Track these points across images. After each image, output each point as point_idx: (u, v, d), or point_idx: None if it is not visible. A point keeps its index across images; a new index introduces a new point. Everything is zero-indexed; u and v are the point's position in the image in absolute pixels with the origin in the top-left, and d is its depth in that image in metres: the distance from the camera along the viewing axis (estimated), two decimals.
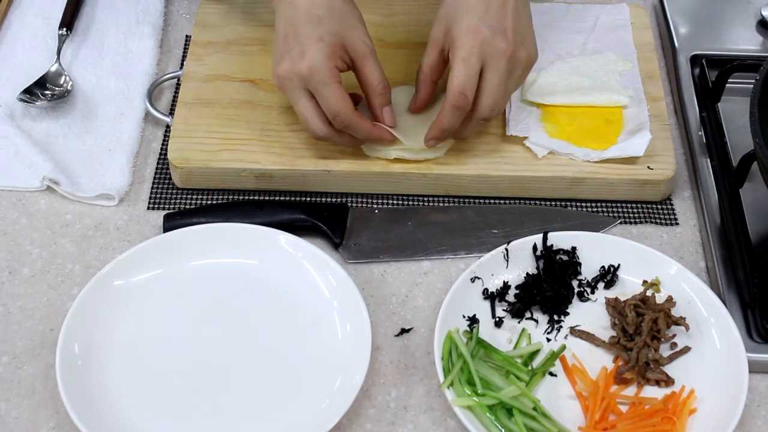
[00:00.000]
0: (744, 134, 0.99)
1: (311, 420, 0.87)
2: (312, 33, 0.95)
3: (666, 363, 0.92)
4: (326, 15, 0.96)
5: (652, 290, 0.97)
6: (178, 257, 0.98)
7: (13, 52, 1.20)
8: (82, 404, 0.86)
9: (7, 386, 0.92)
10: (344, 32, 0.97)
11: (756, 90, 0.98)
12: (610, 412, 0.89)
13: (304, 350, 0.93)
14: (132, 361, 0.91)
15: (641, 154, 1.05)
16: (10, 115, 1.13)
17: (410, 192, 1.08)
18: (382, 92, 1.01)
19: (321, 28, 0.96)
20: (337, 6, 0.97)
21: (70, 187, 1.05)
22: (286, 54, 0.96)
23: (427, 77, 1.02)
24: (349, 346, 0.91)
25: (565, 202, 1.08)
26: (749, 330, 0.95)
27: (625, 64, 1.16)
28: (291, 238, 0.99)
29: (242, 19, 1.22)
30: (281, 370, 0.92)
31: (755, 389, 0.93)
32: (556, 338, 0.95)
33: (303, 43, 0.95)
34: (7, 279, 1.00)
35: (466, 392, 0.88)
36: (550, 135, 1.08)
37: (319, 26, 0.96)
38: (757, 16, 1.26)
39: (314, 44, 0.95)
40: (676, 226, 1.07)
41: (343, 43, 0.97)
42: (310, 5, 0.96)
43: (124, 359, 0.91)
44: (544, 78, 1.14)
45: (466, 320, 0.95)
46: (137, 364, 0.91)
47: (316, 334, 0.94)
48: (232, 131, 1.09)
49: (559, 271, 0.98)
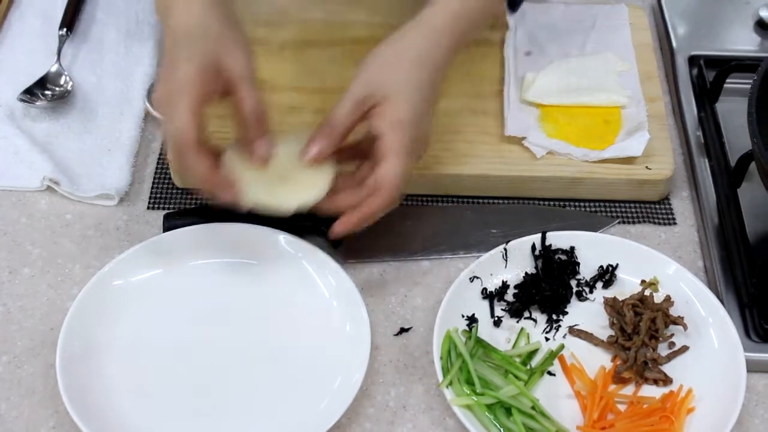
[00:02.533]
0: (742, 134, 0.99)
1: (311, 419, 0.87)
2: (183, 54, 0.90)
3: (664, 362, 0.93)
4: (200, 37, 0.90)
5: (650, 290, 0.97)
6: (178, 257, 0.98)
7: (13, 53, 1.20)
8: (82, 404, 0.86)
9: (7, 386, 0.92)
10: (220, 54, 0.90)
11: (754, 90, 0.98)
12: (608, 411, 0.89)
13: (304, 350, 0.93)
14: (132, 361, 0.91)
15: (639, 154, 1.06)
16: (10, 115, 1.13)
17: (410, 192, 1.08)
18: (256, 121, 0.91)
19: (192, 49, 0.90)
20: (213, 29, 0.91)
21: (70, 187, 1.06)
22: (162, 77, 0.92)
23: (338, 132, 0.92)
24: (349, 345, 0.92)
25: (564, 202, 1.08)
26: (747, 329, 0.95)
27: (624, 64, 1.17)
28: (291, 238, 0.99)
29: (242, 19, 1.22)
30: (280, 369, 0.92)
31: (753, 388, 0.93)
32: (555, 338, 0.95)
33: (174, 64, 0.90)
34: (7, 279, 1.00)
35: (465, 391, 0.88)
36: (549, 135, 1.09)
37: (191, 48, 0.90)
38: (755, 16, 1.27)
39: (182, 64, 0.89)
40: (675, 226, 1.07)
41: (216, 66, 0.89)
42: (186, 28, 0.91)
43: (124, 359, 0.91)
44: (542, 78, 1.14)
45: (465, 320, 0.95)
46: (137, 364, 0.91)
47: (315, 334, 0.94)
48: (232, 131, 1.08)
49: (557, 271, 0.98)
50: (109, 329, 0.93)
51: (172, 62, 0.90)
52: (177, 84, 0.88)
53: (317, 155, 0.92)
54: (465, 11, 0.97)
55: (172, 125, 0.88)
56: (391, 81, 0.92)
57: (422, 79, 0.93)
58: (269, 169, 0.91)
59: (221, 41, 0.91)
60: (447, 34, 0.95)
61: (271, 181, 0.92)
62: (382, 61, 0.94)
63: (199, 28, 0.91)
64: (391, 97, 0.91)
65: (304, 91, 1.13)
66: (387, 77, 0.93)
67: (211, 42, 0.90)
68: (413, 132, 0.91)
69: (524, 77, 1.15)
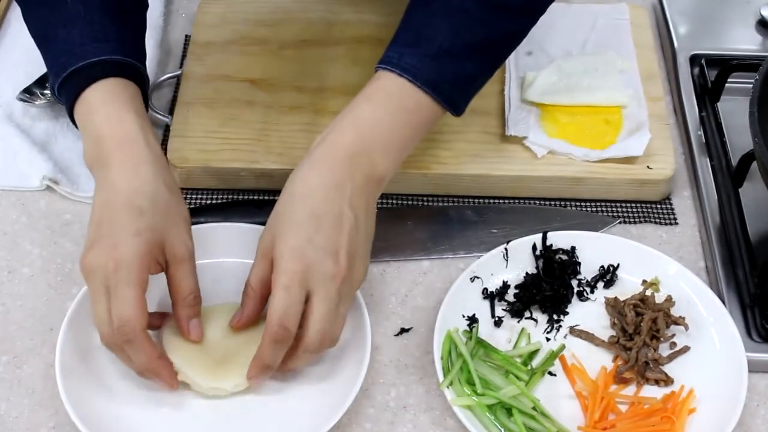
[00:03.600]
0: (743, 134, 0.99)
1: (311, 419, 0.87)
2: (129, 225, 0.83)
3: (665, 362, 0.93)
4: (149, 207, 0.84)
5: (651, 290, 0.97)
6: None
7: (13, 52, 1.20)
8: (81, 404, 0.86)
9: (7, 386, 0.92)
10: (166, 230, 0.85)
11: (755, 89, 0.98)
12: (609, 412, 0.89)
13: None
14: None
15: (640, 154, 1.06)
16: (10, 115, 1.13)
17: (410, 192, 1.08)
18: (192, 303, 0.87)
19: (141, 221, 0.83)
20: (162, 198, 0.85)
21: (70, 186, 1.05)
22: (97, 242, 0.83)
23: (256, 293, 0.87)
24: (349, 345, 0.91)
25: (565, 202, 1.08)
26: (749, 329, 0.95)
27: (625, 63, 1.16)
28: None
29: (242, 19, 1.22)
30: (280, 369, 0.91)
31: (754, 389, 0.93)
32: (556, 338, 0.95)
33: (117, 234, 0.83)
34: (7, 279, 1.00)
35: (466, 392, 0.88)
36: (550, 135, 1.08)
37: (140, 219, 0.83)
38: (756, 15, 1.26)
39: (129, 238, 0.82)
40: (676, 226, 1.07)
41: (162, 243, 0.85)
42: (133, 193, 0.84)
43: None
44: (543, 77, 1.14)
45: (465, 320, 0.95)
46: None
47: None
48: (232, 131, 1.09)
49: (558, 271, 0.98)
50: None
51: (114, 230, 0.83)
52: (122, 261, 0.81)
53: (242, 321, 0.88)
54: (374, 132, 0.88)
55: (117, 309, 0.81)
56: (284, 219, 0.85)
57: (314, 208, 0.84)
58: (207, 348, 0.89)
59: (168, 215, 0.86)
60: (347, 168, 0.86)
61: (210, 360, 0.88)
62: (279, 209, 0.87)
63: (148, 197, 0.84)
64: (281, 232, 0.84)
65: (304, 91, 1.13)
66: (280, 218, 0.86)
67: (159, 215, 0.85)
68: (311, 256, 0.82)
69: (525, 76, 1.15)
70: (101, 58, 0.89)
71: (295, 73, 1.15)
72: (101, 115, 0.88)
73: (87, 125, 0.89)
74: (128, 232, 0.83)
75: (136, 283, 0.82)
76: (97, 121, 0.88)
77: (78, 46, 0.90)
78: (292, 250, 0.83)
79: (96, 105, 0.88)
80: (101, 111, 0.88)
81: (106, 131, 0.87)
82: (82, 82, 0.89)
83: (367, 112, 0.89)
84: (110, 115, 0.88)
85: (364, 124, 0.88)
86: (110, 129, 0.87)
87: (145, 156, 0.86)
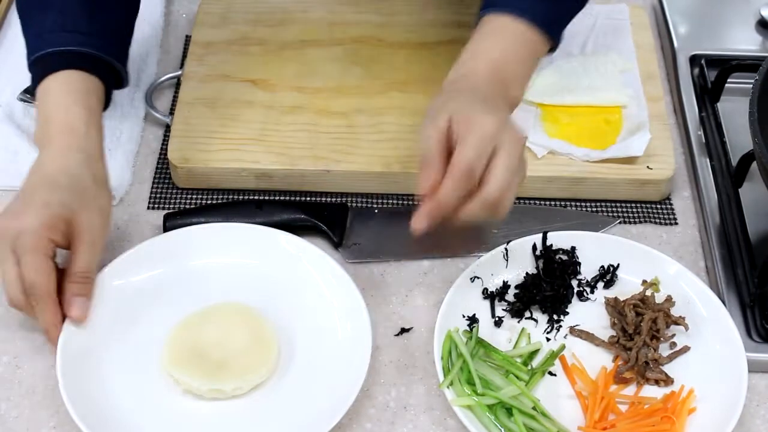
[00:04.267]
0: (743, 134, 0.99)
1: (311, 419, 0.87)
2: (41, 197, 0.89)
3: (665, 362, 0.93)
4: (65, 186, 0.89)
5: (651, 290, 0.97)
6: (178, 257, 0.98)
7: (13, 52, 1.20)
8: (82, 404, 0.86)
9: (8, 386, 0.92)
10: (77, 209, 0.89)
11: (755, 90, 0.98)
12: (609, 412, 0.89)
13: (304, 350, 0.93)
14: (132, 361, 0.91)
15: (641, 154, 1.06)
16: (10, 115, 1.13)
17: (410, 192, 1.07)
18: (82, 281, 0.90)
19: (53, 195, 0.89)
20: (83, 183, 0.90)
21: None
22: (9, 210, 0.90)
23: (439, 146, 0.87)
24: (349, 346, 0.91)
25: (565, 202, 1.08)
26: (749, 329, 0.95)
27: (625, 63, 1.16)
28: (291, 238, 0.99)
29: (242, 19, 1.22)
30: (281, 369, 0.92)
31: (754, 389, 0.93)
32: (556, 338, 0.95)
33: (28, 204, 0.89)
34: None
35: (466, 392, 0.88)
36: (550, 135, 1.08)
37: (52, 193, 0.89)
38: (756, 15, 1.27)
39: (37, 208, 0.88)
40: (676, 226, 1.07)
41: (69, 219, 0.89)
42: (56, 171, 0.90)
43: (123, 359, 0.91)
44: (543, 78, 1.14)
45: (465, 320, 0.95)
46: (137, 364, 0.91)
47: (316, 334, 0.94)
48: (232, 131, 1.09)
49: (558, 271, 0.98)
50: (108, 329, 0.93)
51: (27, 201, 0.89)
52: (25, 228, 0.87)
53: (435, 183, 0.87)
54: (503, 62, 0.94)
55: (26, 275, 0.87)
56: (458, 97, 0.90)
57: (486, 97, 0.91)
58: (206, 350, 0.90)
59: (84, 199, 0.90)
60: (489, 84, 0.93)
61: (210, 363, 0.89)
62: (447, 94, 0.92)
63: (68, 177, 0.90)
64: (462, 105, 0.89)
65: (304, 91, 1.13)
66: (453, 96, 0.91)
67: (74, 195, 0.89)
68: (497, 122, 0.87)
69: None
70: (67, 48, 0.95)
71: (295, 73, 1.15)
72: (53, 102, 0.94)
73: (41, 107, 0.95)
74: (38, 203, 0.88)
75: (40, 249, 0.87)
76: (49, 106, 0.94)
77: (47, 32, 0.96)
78: (483, 114, 0.87)
79: (51, 92, 0.95)
80: (54, 98, 0.94)
81: (53, 117, 0.94)
82: (47, 69, 0.95)
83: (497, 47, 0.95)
84: (59, 105, 0.94)
85: (498, 58, 0.94)
86: (57, 116, 0.94)
87: (81, 145, 0.92)
